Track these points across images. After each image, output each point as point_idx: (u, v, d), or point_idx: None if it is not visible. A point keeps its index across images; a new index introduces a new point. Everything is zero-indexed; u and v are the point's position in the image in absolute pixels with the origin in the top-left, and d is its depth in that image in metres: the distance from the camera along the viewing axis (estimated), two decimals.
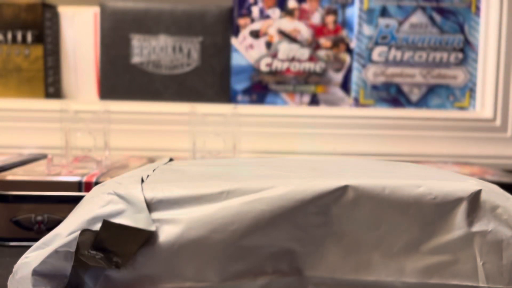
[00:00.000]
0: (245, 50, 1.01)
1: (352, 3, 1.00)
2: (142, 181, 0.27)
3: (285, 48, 1.01)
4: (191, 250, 0.24)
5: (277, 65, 1.01)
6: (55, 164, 0.67)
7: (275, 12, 1.01)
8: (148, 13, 1.02)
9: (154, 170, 0.30)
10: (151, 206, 0.25)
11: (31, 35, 1.02)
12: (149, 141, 0.93)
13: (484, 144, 0.96)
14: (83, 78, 1.05)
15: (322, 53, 1.01)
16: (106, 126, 0.74)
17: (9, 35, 1.02)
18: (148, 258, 0.24)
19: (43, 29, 1.02)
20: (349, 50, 1.01)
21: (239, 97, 1.01)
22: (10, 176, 0.58)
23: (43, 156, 0.78)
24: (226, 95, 1.02)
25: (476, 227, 0.22)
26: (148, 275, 0.24)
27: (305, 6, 1.00)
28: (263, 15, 1.01)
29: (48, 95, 1.03)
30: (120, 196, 0.25)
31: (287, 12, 1.01)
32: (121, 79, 1.02)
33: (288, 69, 1.01)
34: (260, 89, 1.01)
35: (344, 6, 1.00)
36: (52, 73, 1.04)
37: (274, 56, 1.01)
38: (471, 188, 0.23)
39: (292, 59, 1.01)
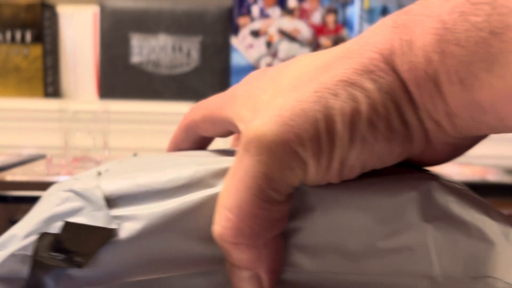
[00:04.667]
0: (245, 50, 1.01)
1: (352, 2, 1.00)
2: (101, 175, 0.26)
3: (285, 48, 1.00)
4: (153, 245, 0.24)
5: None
6: (54, 164, 0.67)
7: (275, 12, 1.00)
8: (148, 12, 1.01)
9: (116, 163, 0.29)
10: (110, 202, 0.24)
11: (30, 35, 1.02)
12: (148, 141, 0.92)
13: (485, 144, 0.96)
14: (83, 77, 1.05)
15: None
16: (106, 126, 0.74)
17: (8, 35, 1.02)
18: (110, 255, 0.24)
19: (42, 29, 1.02)
20: None
21: None
22: (9, 176, 0.58)
23: (42, 156, 0.78)
24: None
25: (430, 220, 0.22)
26: (111, 271, 0.24)
27: (306, 5, 1.00)
28: (263, 15, 1.00)
29: (47, 94, 1.02)
30: (77, 193, 0.25)
31: (287, 11, 1.00)
32: (121, 78, 1.02)
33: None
34: None
35: (344, 5, 1.00)
36: (51, 72, 1.04)
37: (274, 55, 1.01)
38: (424, 181, 0.23)
39: None
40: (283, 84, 0.22)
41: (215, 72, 1.02)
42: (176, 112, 0.95)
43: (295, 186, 0.22)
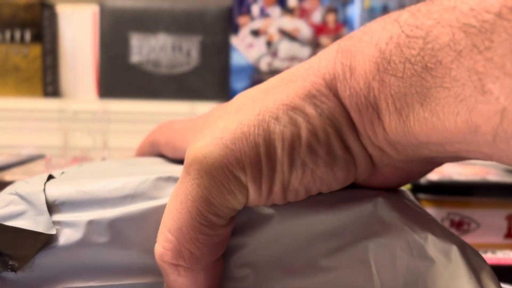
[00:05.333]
0: (245, 49, 1.01)
1: (352, 1, 0.99)
2: (52, 178, 0.26)
3: (285, 47, 1.00)
4: (91, 253, 0.24)
5: (277, 64, 1.00)
6: (53, 164, 0.67)
7: (275, 11, 1.00)
8: (148, 12, 1.01)
9: (76, 167, 0.29)
10: (53, 207, 0.24)
11: (30, 34, 1.02)
12: None
13: None
14: (82, 77, 1.04)
15: None
16: (105, 125, 0.74)
17: (8, 34, 1.01)
18: (47, 260, 0.24)
19: (41, 28, 1.01)
20: None
21: None
22: (8, 176, 0.57)
23: (41, 156, 0.78)
24: (225, 95, 1.02)
25: (372, 237, 0.22)
26: (48, 277, 0.23)
27: (306, 4, 1.00)
28: (263, 14, 1.00)
29: (47, 94, 1.02)
30: (22, 197, 0.24)
31: (287, 10, 1.00)
32: (120, 78, 1.02)
33: (288, 69, 1.01)
34: None
35: (345, 4, 1.00)
36: (50, 72, 1.03)
37: (274, 55, 1.01)
38: (369, 198, 0.23)
39: (293, 58, 1.00)
40: (230, 107, 0.22)
41: (215, 72, 1.02)
42: (176, 112, 0.94)
43: (238, 210, 0.21)
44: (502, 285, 0.28)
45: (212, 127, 0.21)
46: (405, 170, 0.22)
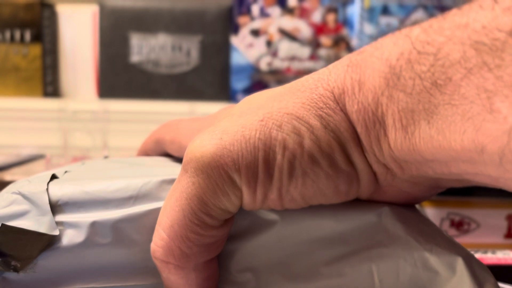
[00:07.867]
0: (245, 49, 1.01)
1: (352, 1, 0.99)
2: (55, 178, 0.26)
3: (285, 47, 1.00)
4: (94, 254, 0.24)
5: (277, 64, 1.00)
6: (53, 164, 0.67)
7: (275, 11, 1.00)
8: (147, 11, 1.01)
9: (79, 165, 0.29)
10: (56, 208, 0.24)
11: (30, 34, 1.02)
12: None
13: None
14: (82, 77, 1.04)
15: (323, 52, 1.00)
16: (105, 125, 0.74)
17: (7, 34, 1.01)
18: (50, 261, 0.23)
19: (41, 28, 1.01)
20: (350, 49, 1.00)
21: (239, 96, 1.01)
22: (8, 176, 0.57)
23: (41, 156, 0.78)
24: (225, 94, 1.02)
25: (375, 246, 0.22)
26: (50, 277, 0.23)
27: (306, 4, 1.00)
28: (263, 14, 1.00)
29: (47, 94, 1.02)
30: (24, 196, 0.24)
31: (287, 10, 1.00)
32: (120, 78, 1.01)
33: (288, 68, 1.00)
34: (260, 88, 1.01)
35: (345, 4, 1.00)
36: (50, 72, 1.03)
37: (274, 54, 1.00)
38: (375, 207, 0.22)
39: (293, 58, 1.00)
40: (235, 109, 0.22)
41: (215, 72, 1.01)
42: (176, 112, 0.94)
43: (232, 212, 0.21)
44: (502, 285, 0.28)
45: (213, 127, 0.21)
46: (410, 194, 0.22)
